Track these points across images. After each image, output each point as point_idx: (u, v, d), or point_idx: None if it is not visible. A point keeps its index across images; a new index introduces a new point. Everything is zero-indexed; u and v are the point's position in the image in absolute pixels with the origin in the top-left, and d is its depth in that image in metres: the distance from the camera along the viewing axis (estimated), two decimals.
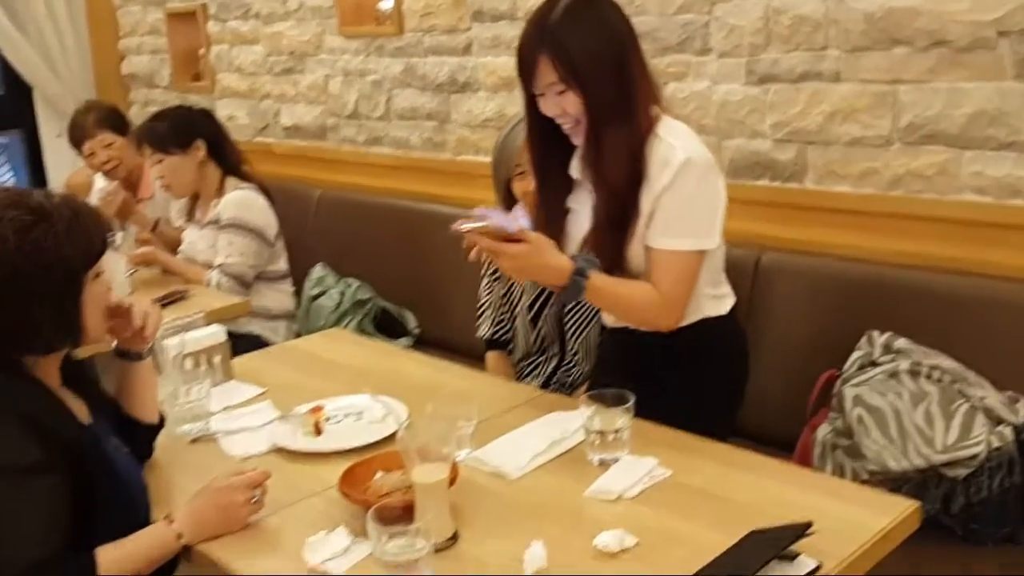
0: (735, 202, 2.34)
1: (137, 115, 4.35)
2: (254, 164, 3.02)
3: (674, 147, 1.63)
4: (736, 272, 2.17)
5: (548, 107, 1.66)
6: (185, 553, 1.36)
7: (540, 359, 2.25)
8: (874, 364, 1.91)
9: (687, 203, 1.64)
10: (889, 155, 2.14)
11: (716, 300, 1.79)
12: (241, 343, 2.21)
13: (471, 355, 2.53)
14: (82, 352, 1.54)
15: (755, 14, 2.27)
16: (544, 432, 1.61)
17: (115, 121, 3.21)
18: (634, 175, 1.64)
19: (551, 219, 1.76)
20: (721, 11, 2.34)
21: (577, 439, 1.57)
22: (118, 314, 1.50)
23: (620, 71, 1.62)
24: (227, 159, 2.90)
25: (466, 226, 1.57)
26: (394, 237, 3.12)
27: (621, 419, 1.50)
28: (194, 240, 2.91)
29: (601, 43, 1.61)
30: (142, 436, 1.59)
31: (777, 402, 2.11)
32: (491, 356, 2.32)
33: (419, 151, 3.28)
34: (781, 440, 1.99)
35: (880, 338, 1.94)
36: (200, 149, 2.83)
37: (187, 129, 2.82)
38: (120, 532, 1.32)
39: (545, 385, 2.20)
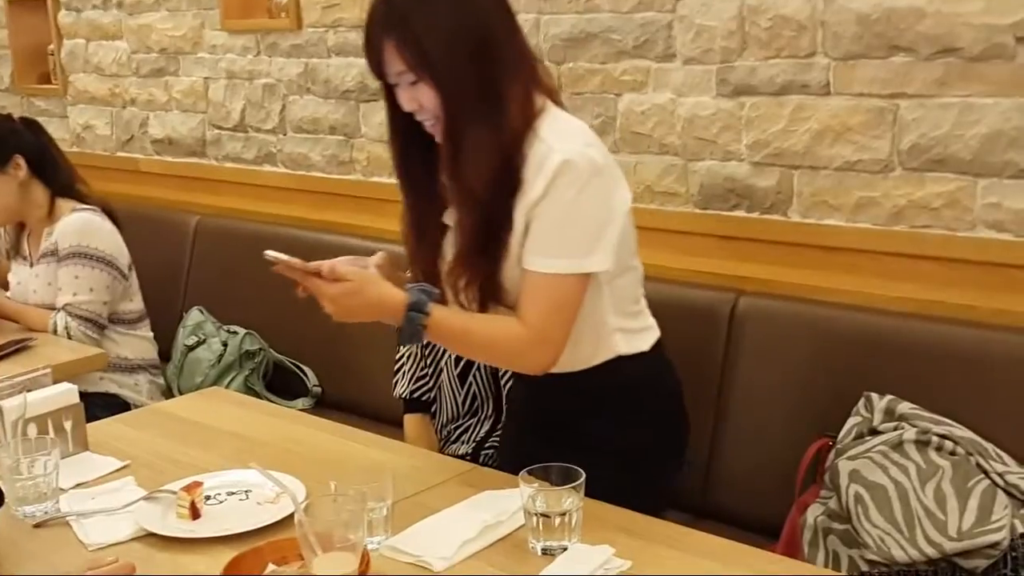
0: (705, 236, 2.44)
1: None
2: (116, 184, 2.98)
3: (552, 148, 1.63)
4: (707, 319, 2.23)
5: (403, 100, 1.67)
6: None
7: (470, 422, 2.24)
8: (874, 432, 1.94)
9: (564, 215, 1.64)
10: (889, 183, 2.20)
11: (631, 335, 1.80)
12: (95, 404, 2.16)
13: (383, 419, 2.51)
14: None
15: (727, 13, 2.33)
16: (475, 515, 1.59)
17: None
18: (505, 182, 1.65)
19: (422, 238, 1.78)
20: (687, 9, 2.40)
21: (516, 523, 1.56)
22: None
23: (483, 56, 1.62)
24: (55, 178, 2.83)
25: (272, 255, 1.62)
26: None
27: (569, 499, 1.49)
28: (24, 279, 2.83)
29: (457, 23, 1.62)
30: None
31: (757, 477, 2.13)
32: (410, 420, 2.30)
33: (321, 171, 3.28)
34: (763, 524, 2.00)
35: (880, 401, 1.98)
36: (20, 167, 2.76)
37: (4, 141, 2.76)
38: None
39: (475, 455, 2.19)
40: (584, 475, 1.50)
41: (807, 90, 2.26)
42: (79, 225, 2.76)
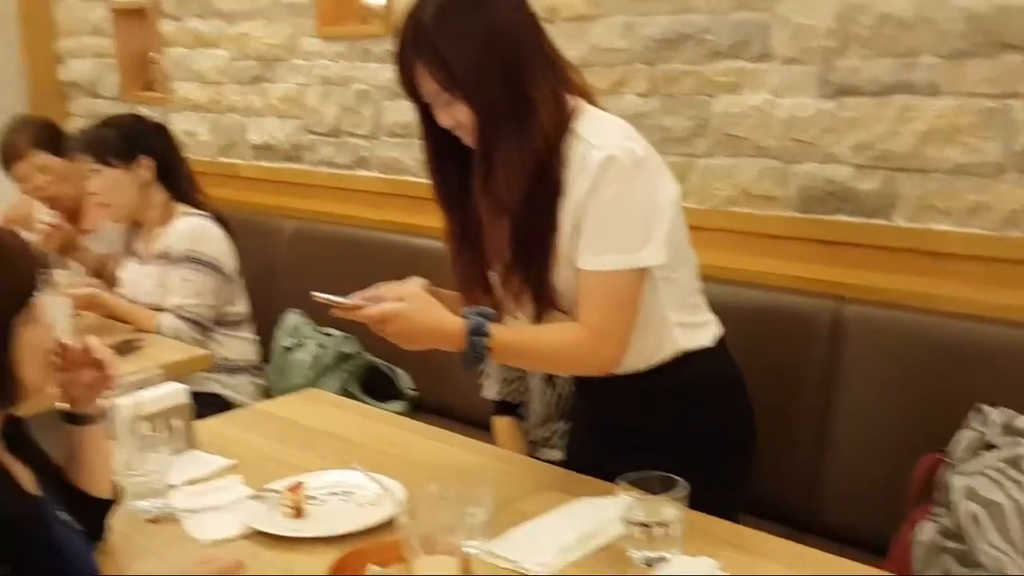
0: (804, 241, 2.40)
1: (77, 130, 4.38)
2: (217, 189, 3.04)
3: (592, 145, 1.64)
4: (807, 326, 2.18)
5: (441, 119, 1.69)
6: None
7: (559, 425, 2.23)
8: (989, 447, 1.87)
9: (611, 211, 1.63)
10: (1003, 186, 2.14)
11: (691, 329, 1.79)
12: (200, 403, 2.20)
13: (477, 423, 2.51)
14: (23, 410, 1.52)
15: (828, 12, 2.29)
16: (573, 522, 1.59)
17: (52, 140, 3.23)
18: (543, 188, 1.65)
19: (464, 254, 1.78)
20: (786, 8, 2.35)
21: (615, 532, 1.54)
22: (67, 359, 1.49)
23: (510, 68, 1.63)
24: (178, 185, 2.91)
25: (319, 296, 1.64)
26: (382, 278, 3.09)
27: (670, 509, 1.47)
28: (137, 278, 2.91)
29: (483, 39, 1.63)
30: (93, 512, 1.57)
31: (864, 493, 2.08)
32: (499, 422, 2.30)
33: (413, 175, 3.30)
34: (868, 540, 1.95)
35: (995, 414, 1.91)
36: (146, 168, 2.84)
37: (135, 142, 2.84)
38: None
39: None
40: (687, 487, 1.48)
41: (913, 90, 2.20)
42: (191, 230, 2.83)
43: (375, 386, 3.06)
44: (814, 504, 2.14)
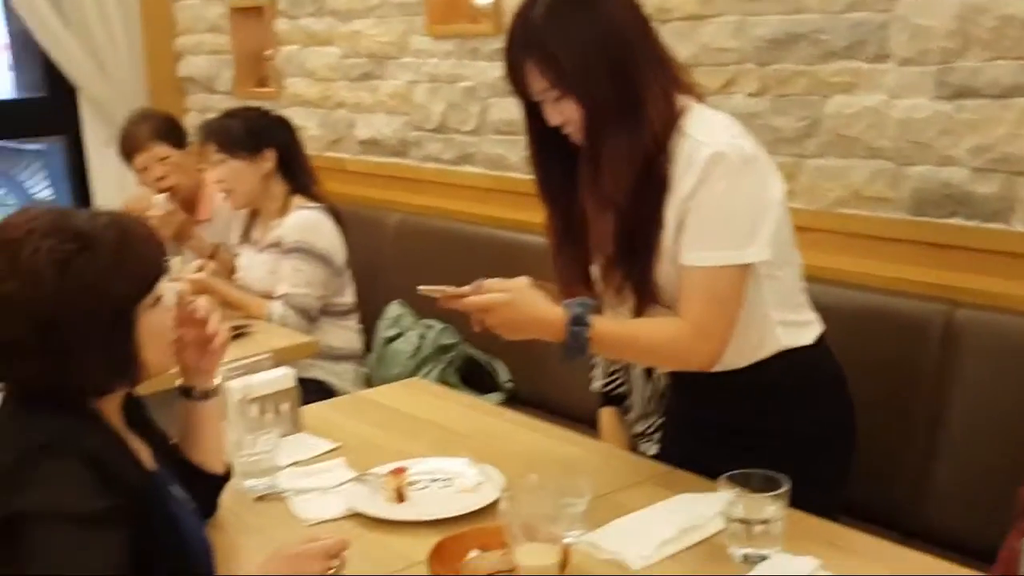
0: (917, 244, 2.34)
1: (193, 123, 4.51)
2: (323, 182, 3.10)
3: (700, 143, 1.63)
4: (919, 331, 2.13)
5: (550, 116, 1.69)
6: None
7: (656, 421, 2.22)
8: None
9: (718, 207, 1.62)
10: None
11: (794, 328, 1.77)
12: (305, 389, 2.26)
13: (575, 417, 2.51)
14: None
15: (948, 13, 2.23)
16: (673, 516, 1.59)
17: (172, 132, 3.35)
18: (650, 185, 1.65)
19: (566, 249, 1.79)
20: (904, 9, 2.30)
21: (715, 527, 1.54)
22: (185, 322, 1.54)
23: (620, 66, 1.64)
24: (297, 177, 2.99)
25: (424, 289, 1.66)
26: (484, 272, 3.11)
27: (771, 507, 1.46)
28: (251, 265, 3.00)
29: (593, 37, 1.63)
30: (206, 488, 1.63)
31: (972, 499, 2.03)
32: (603, 413, 2.30)
33: (518, 172, 3.31)
34: (977, 547, 1.88)
35: None
36: (269, 160, 2.93)
37: (260, 134, 2.93)
38: None
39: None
40: (788, 484, 1.46)
41: None
42: (304, 222, 2.91)
43: (473, 377, 3.09)
44: (920, 509, 2.09)
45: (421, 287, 1.68)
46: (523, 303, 1.63)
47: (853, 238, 2.42)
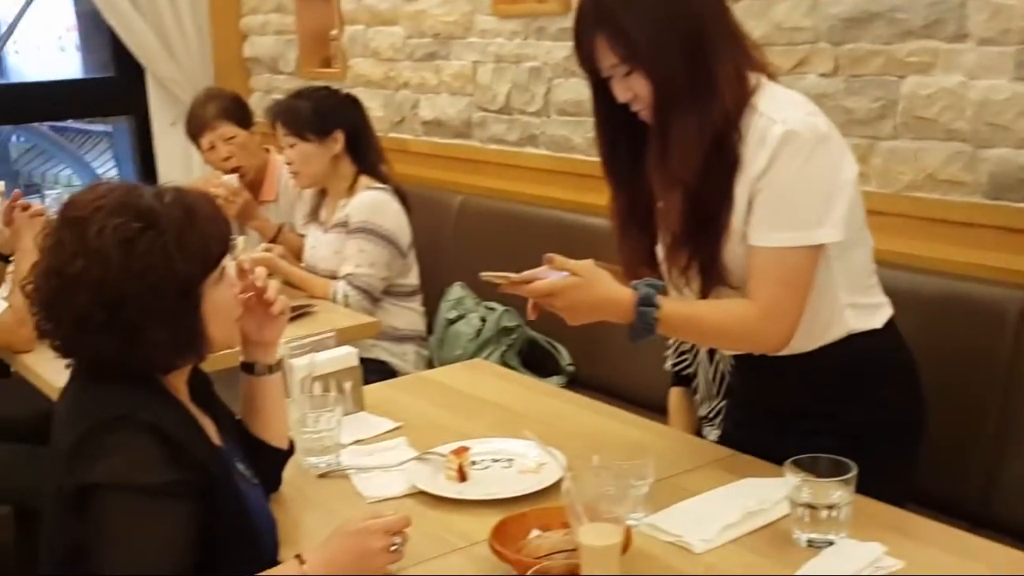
0: (993, 229, 2.30)
1: (258, 103, 4.58)
2: (388, 163, 3.12)
3: (773, 120, 1.62)
4: (993, 317, 2.10)
5: (619, 92, 1.68)
6: None
7: (723, 404, 2.21)
8: None
9: (790, 186, 1.61)
10: None
11: (864, 311, 1.75)
12: (367, 369, 2.29)
13: (636, 401, 2.51)
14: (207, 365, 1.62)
15: None
16: (737, 500, 1.58)
17: (238, 113, 3.40)
18: (720, 163, 1.63)
19: (630, 229, 1.79)
20: None
21: (779, 512, 1.54)
22: (244, 291, 1.57)
23: (692, 42, 1.62)
24: (366, 157, 3.02)
25: (487, 275, 1.66)
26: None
27: (837, 492, 1.46)
28: (317, 244, 3.04)
29: (665, 11, 1.62)
30: (270, 463, 1.67)
31: None
32: (672, 393, 2.30)
33: (582, 153, 3.31)
34: None
35: None
36: (338, 141, 2.96)
37: (329, 116, 2.95)
38: (244, 568, 1.38)
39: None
40: (855, 469, 1.45)
41: None
42: (370, 202, 2.94)
43: (534, 360, 3.11)
44: (990, 500, 2.06)
45: (484, 273, 1.69)
46: (591, 284, 1.63)
47: (927, 222, 2.39)
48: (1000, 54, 2.25)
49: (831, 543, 1.45)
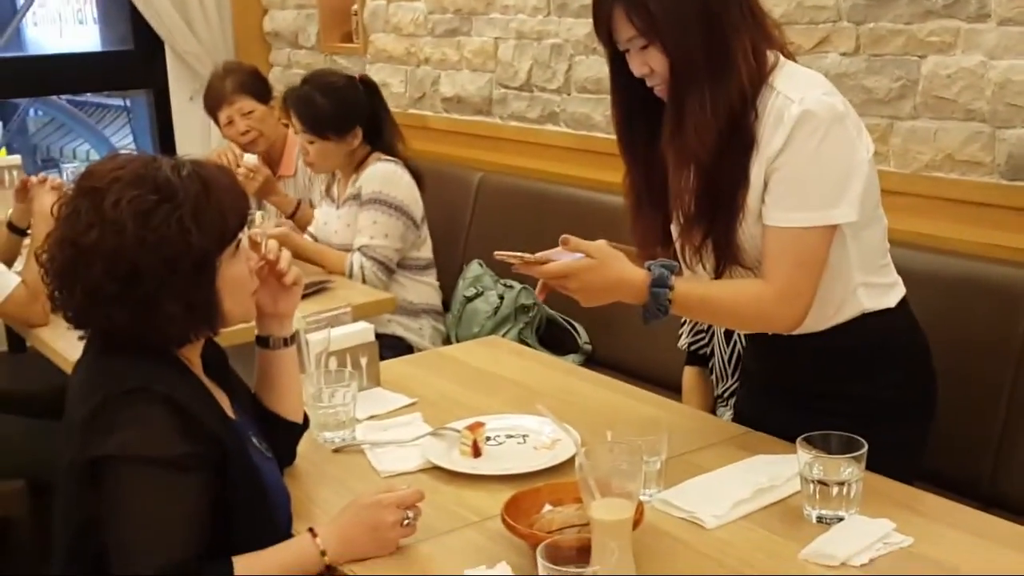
0: (1011, 210, 2.30)
1: (278, 78, 4.60)
2: (406, 139, 3.14)
3: (790, 100, 1.62)
4: (1007, 297, 2.11)
5: (635, 66, 1.69)
6: (327, 573, 1.44)
7: (731, 384, 2.23)
8: None
9: (806, 166, 1.62)
10: None
11: (877, 290, 1.76)
12: (383, 345, 2.33)
13: (653, 379, 2.53)
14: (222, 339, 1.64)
15: None
16: (749, 477, 1.61)
17: (257, 87, 3.42)
18: (735, 141, 1.64)
19: (644, 205, 1.80)
20: None
21: (791, 489, 1.57)
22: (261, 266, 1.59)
23: (710, 17, 1.62)
24: (382, 139, 3.04)
25: (502, 255, 1.67)
26: (566, 233, 3.16)
27: (848, 469, 1.48)
28: (328, 220, 3.07)
29: None
30: (284, 436, 1.69)
31: None
32: (687, 372, 2.31)
33: (603, 131, 3.32)
34: None
35: None
36: (357, 136, 2.99)
37: (350, 114, 2.96)
38: (258, 542, 1.41)
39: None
40: (866, 446, 1.48)
41: None
42: (382, 174, 2.97)
43: (551, 338, 3.13)
44: (1001, 479, 2.08)
45: (498, 252, 1.71)
46: (605, 266, 1.64)
47: (945, 202, 2.40)
48: (1020, 34, 2.25)
49: (841, 519, 1.48)
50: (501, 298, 3.16)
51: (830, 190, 1.64)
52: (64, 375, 2.24)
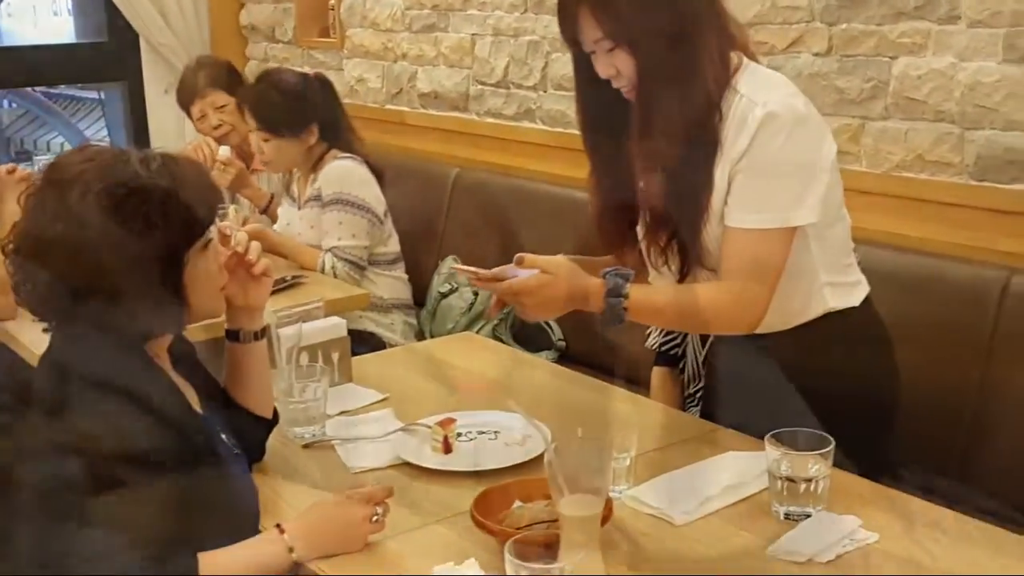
0: (979, 210, 2.33)
1: (254, 72, 4.57)
2: (383, 135, 3.14)
3: (754, 102, 1.63)
4: (974, 296, 2.13)
5: (602, 68, 1.69)
6: (294, 570, 1.43)
7: (701, 385, 2.24)
8: None
9: (768, 168, 1.63)
10: None
11: (842, 289, 1.78)
12: (354, 340, 2.33)
13: (624, 377, 2.52)
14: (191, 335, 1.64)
15: None
16: (718, 474, 1.62)
17: (229, 81, 3.41)
18: (700, 144, 1.65)
19: (609, 207, 1.81)
20: None
21: (759, 486, 1.58)
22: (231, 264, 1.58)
23: (676, 19, 1.63)
24: (337, 136, 3.04)
25: (456, 267, 1.69)
26: (542, 230, 3.17)
27: (816, 466, 1.50)
28: (291, 220, 3.07)
29: None
30: (253, 431, 1.68)
31: (1021, 469, 2.02)
32: (656, 373, 2.32)
33: (578, 129, 3.31)
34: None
35: None
36: (313, 134, 2.99)
37: (304, 112, 2.96)
38: (225, 538, 1.40)
39: None
40: (833, 443, 1.49)
41: None
42: (339, 173, 2.97)
43: (525, 335, 3.12)
44: (965, 475, 2.10)
45: (454, 265, 1.73)
46: (560, 280, 1.66)
47: (915, 202, 2.42)
48: (990, 36, 2.27)
49: (808, 516, 1.49)
50: (476, 294, 3.15)
51: (791, 192, 1.65)
52: (30, 368, 2.22)
